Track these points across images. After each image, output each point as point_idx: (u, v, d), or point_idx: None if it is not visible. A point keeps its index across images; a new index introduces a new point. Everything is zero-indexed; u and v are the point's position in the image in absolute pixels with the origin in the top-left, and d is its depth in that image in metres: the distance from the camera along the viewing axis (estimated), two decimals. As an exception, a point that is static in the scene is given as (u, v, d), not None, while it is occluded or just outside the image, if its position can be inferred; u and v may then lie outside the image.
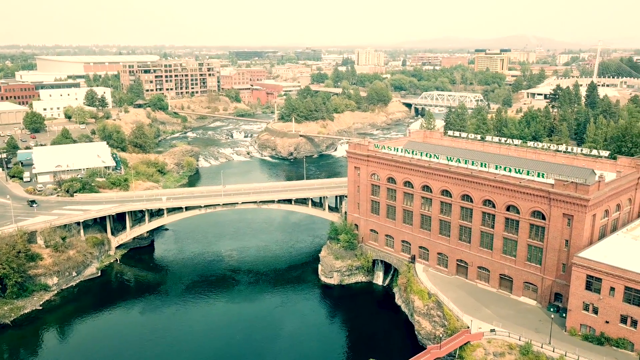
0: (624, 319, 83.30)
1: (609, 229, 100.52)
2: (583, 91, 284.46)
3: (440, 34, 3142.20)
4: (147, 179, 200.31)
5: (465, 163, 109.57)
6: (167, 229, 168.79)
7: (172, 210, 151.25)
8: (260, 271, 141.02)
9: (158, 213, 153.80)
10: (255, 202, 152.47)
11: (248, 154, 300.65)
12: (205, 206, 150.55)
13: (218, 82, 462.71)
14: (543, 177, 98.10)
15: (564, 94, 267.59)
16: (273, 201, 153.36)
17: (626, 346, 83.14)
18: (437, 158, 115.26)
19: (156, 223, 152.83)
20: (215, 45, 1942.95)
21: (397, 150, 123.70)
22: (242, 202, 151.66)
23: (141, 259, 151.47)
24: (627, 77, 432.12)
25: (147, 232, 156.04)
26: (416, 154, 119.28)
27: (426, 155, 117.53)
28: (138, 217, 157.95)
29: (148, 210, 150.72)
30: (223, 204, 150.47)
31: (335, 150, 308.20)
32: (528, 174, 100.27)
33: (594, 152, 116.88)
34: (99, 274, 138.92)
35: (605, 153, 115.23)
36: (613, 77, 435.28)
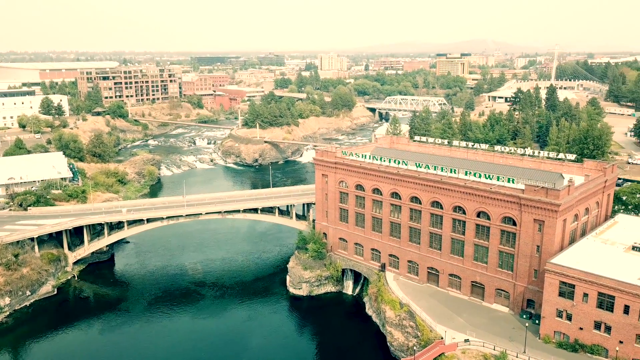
0: (597, 325, 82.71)
1: (579, 233, 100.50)
2: (543, 94, 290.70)
3: (400, 39, 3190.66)
4: (106, 190, 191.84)
5: (435, 169, 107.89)
6: (128, 242, 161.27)
7: (132, 222, 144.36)
8: (226, 284, 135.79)
9: (118, 226, 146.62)
10: (219, 212, 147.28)
11: (211, 161, 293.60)
12: (168, 217, 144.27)
13: (180, 88, 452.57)
14: (513, 182, 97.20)
15: (525, 97, 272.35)
16: (238, 211, 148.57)
17: (600, 352, 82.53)
18: (406, 164, 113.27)
19: (116, 236, 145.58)
20: (177, 50, 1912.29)
21: (365, 157, 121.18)
22: (206, 213, 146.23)
23: (101, 274, 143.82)
24: (583, 79, 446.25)
25: (107, 246, 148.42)
26: (384, 161, 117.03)
27: (395, 161, 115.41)
28: (97, 230, 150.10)
29: (107, 223, 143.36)
30: (186, 215, 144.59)
31: (301, 156, 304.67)
32: (498, 180, 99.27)
33: (561, 155, 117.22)
34: (55, 292, 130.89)
35: (572, 156, 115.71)
36: (570, 80, 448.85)
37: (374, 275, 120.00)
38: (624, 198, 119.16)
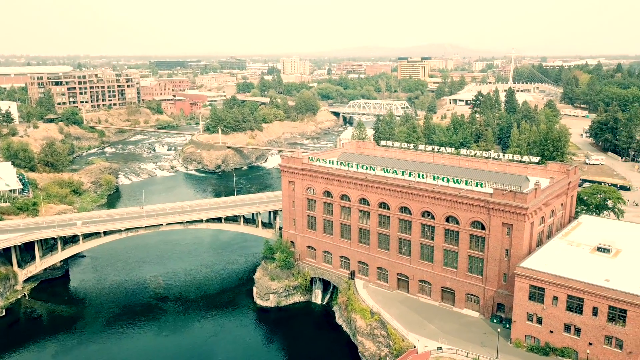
0: (567, 328, 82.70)
1: (545, 235, 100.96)
2: (502, 97, 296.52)
3: (361, 43, 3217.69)
4: (60, 202, 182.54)
5: (403, 174, 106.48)
6: (83, 256, 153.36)
7: (88, 235, 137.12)
8: (189, 298, 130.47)
9: (73, 240, 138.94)
10: (181, 222, 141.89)
11: (172, 168, 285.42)
12: (126, 230, 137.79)
13: (138, 93, 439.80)
14: (481, 186, 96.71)
15: (486, 100, 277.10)
16: (201, 220, 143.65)
17: (570, 355, 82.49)
18: (374, 170, 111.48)
19: (70, 251, 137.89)
20: (135, 54, 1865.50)
21: (333, 163, 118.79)
22: (167, 223, 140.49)
23: (54, 292, 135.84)
24: (538, 82, 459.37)
25: (61, 261, 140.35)
26: (352, 166, 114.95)
27: (362, 167, 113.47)
28: (49, 245, 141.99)
29: (61, 237, 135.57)
30: (146, 227, 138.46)
31: (266, 161, 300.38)
32: (466, 184, 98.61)
33: (525, 158, 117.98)
34: (4, 314, 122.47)
35: (536, 159, 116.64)
36: (526, 83, 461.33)
37: (343, 284, 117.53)
38: (586, 199, 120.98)
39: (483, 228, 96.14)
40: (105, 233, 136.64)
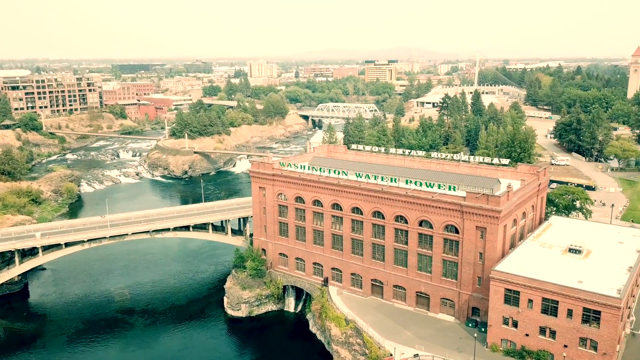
0: (542, 331, 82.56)
1: (517, 237, 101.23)
2: (468, 99, 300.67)
3: (327, 46, 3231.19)
4: (17, 212, 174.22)
5: (375, 179, 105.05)
6: (44, 269, 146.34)
7: (48, 247, 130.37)
8: (157, 310, 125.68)
9: (32, 252, 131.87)
10: (148, 231, 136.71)
11: (137, 175, 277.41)
12: (89, 240, 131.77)
13: (100, 97, 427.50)
14: (454, 190, 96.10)
15: (453, 103, 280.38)
16: (168, 229, 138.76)
17: (546, 358, 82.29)
18: (346, 175, 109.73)
19: (29, 264, 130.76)
20: (96, 58, 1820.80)
21: (304, 168, 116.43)
22: (133, 233, 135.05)
23: (12, 308, 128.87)
24: (502, 84, 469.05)
25: (19, 275, 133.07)
26: (324, 171, 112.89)
27: (335, 172, 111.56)
28: (6, 258, 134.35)
29: (18, 250, 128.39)
30: (110, 237, 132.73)
31: (234, 166, 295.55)
32: (439, 188, 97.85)
33: (495, 160, 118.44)
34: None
35: (506, 161, 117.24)
36: (491, 85, 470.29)
37: (316, 291, 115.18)
38: (555, 200, 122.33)
39: (457, 232, 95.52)
40: (67, 244, 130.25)
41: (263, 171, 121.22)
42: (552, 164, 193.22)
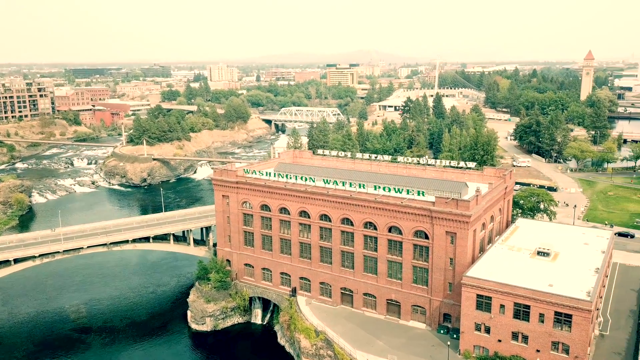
0: (515, 336, 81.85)
1: (486, 241, 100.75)
2: (430, 102, 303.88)
3: (288, 49, 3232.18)
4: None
5: (344, 185, 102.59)
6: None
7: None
8: (116, 327, 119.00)
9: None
10: (105, 244, 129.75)
11: (93, 183, 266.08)
12: (41, 256, 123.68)
13: (52, 103, 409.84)
14: (423, 195, 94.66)
15: (415, 106, 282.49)
16: (127, 241, 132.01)
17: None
18: (314, 181, 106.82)
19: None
20: (48, 62, 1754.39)
21: (269, 175, 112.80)
22: (89, 246, 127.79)
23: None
24: (462, 87, 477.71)
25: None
26: (290, 178, 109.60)
27: (301, 178, 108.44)
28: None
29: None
30: (64, 251, 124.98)
31: (195, 172, 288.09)
32: (408, 193, 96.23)
33: (462, 164, 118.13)
34: None
35: (472, 164, 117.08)
36: (450, 88, 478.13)
37: (284, 302, 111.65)
38: (521, 202, 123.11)
39: (426, 237, 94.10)
40: (16, 260, 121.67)
41: (226, 179, 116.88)
42: (514, 166, 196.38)
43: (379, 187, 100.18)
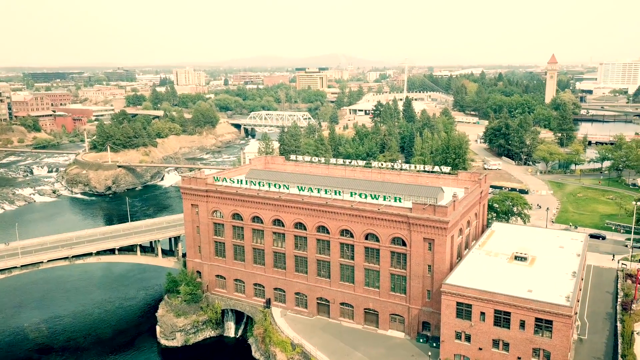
0: (496, 343, 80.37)
1: (463, 246, 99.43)
2: (400, 106, 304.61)
3: (256, 53, 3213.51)
4: None
5: (319, 192, 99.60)
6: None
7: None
8: (80, 345, 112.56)
9: None
10: (66, 257, 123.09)
11: (54, 192, 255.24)
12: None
13: (9, 109, 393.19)
14: (400, 201, 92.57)
15: (385, 110, 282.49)
16: (91, 254, 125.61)
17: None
18: (288, 188, 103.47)
19: None
20: (5, 65, 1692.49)
21: (241, 183, 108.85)
22: (49, 260, 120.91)
23: None
24: (430, 91, 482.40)
25: None
26: (263, 185, 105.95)
27: (275, 185, 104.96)
28: None
29: None
30: (22, 266, 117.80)
31: (163, 179, 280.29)
32: (385, 199, 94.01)
33: (437, 168, 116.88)
34: None
35: (447, 169, 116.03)
36: (419, 92, 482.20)
37: (258, 314, 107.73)
38: (495, 206, 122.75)
39: (404, 244, 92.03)
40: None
41: (195, 187, 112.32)
42: (485, 169, 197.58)
43: (355, 193, 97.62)
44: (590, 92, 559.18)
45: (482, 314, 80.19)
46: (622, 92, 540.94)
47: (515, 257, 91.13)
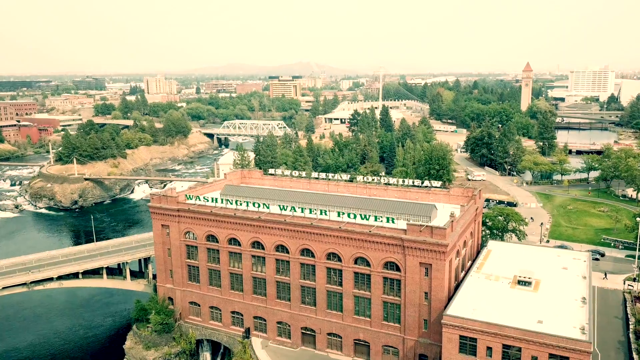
0: (503, 381, 72.79)
1: (460, 269, 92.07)
2: (377, 114, 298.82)
3: (227, 61, 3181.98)
4: None
5: (302, 211, 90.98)
6: None
7: None
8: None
9: None
10: (24, 284, 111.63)
11: (17, 207, 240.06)
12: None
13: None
14: (393, 222, 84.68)
15: (363, 119, 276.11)
16: (52, 279, 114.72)
17: (509, 411, 72.57)
18: (268, 207, 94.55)
19: None
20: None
21: (215, 201, 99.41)
22: (4, 288, 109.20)
23: None
24: (405, 99, 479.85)
25: None
26: (240, 204, 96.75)
27: (253, 204, 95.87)
28: None
29: None
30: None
31: (133, 192, 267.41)
32: (376, 220, 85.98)
33: (427, 183, 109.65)
34: None
35: (437, 183, 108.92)
36: (394, 100, 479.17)
37: (237, 345, 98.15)
38: (488, 222, 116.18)
39: (398, 269, 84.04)
40: None
41: (166, 206, 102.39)
42: (469, 179, 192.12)
43: (343, 213, 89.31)
44: (562, 99, 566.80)
45: (489, 349, 72.50)
46: (594, 100, 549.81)
47: (519, 282, 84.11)
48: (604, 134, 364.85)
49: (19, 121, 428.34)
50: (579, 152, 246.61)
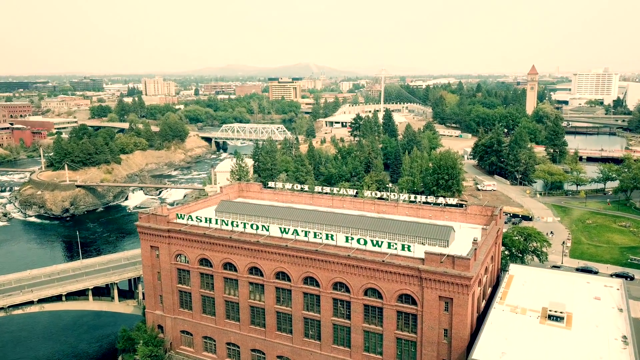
0: None
1: (481, 297, 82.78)
2: (379, 117, 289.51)
3: (226, 62, 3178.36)
4: None
5: (306, 235, 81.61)
6: None
7: None
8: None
9: None
10: (2, 308, 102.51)
11: (5, 216, 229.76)
12: None
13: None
14: (409, 249, 75.32)
15: (365, 123, 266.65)
16: (32, 302, 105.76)
17: None
18: (267, 230, 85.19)
19: None
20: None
21: (209, 221, 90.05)
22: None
23: None
24: (407, 102, 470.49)
25: None
26: (237, 225, 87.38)
27: (252, 226, 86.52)
28: None
29: None
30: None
31: (127, 199, 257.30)
32: (390, 247, 76.62)
33: (440, 200, 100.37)
34: None
35: (453, 201, 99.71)
36: (395, 103, 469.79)
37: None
38: (508, 243, 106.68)
39: (414, 303, 74.76)
40: None
41: (155, 226, 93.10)
42: (479, 189, 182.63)
43: (352, 237, 79.92)
44: (566, 102, 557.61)
45: (521, 399, 63.32)
46: (598, 103, 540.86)
47: (549, 317, 74.79)
48: (612, 139, 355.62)
49: (12, 124, 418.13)
50: (589, 159, 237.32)
